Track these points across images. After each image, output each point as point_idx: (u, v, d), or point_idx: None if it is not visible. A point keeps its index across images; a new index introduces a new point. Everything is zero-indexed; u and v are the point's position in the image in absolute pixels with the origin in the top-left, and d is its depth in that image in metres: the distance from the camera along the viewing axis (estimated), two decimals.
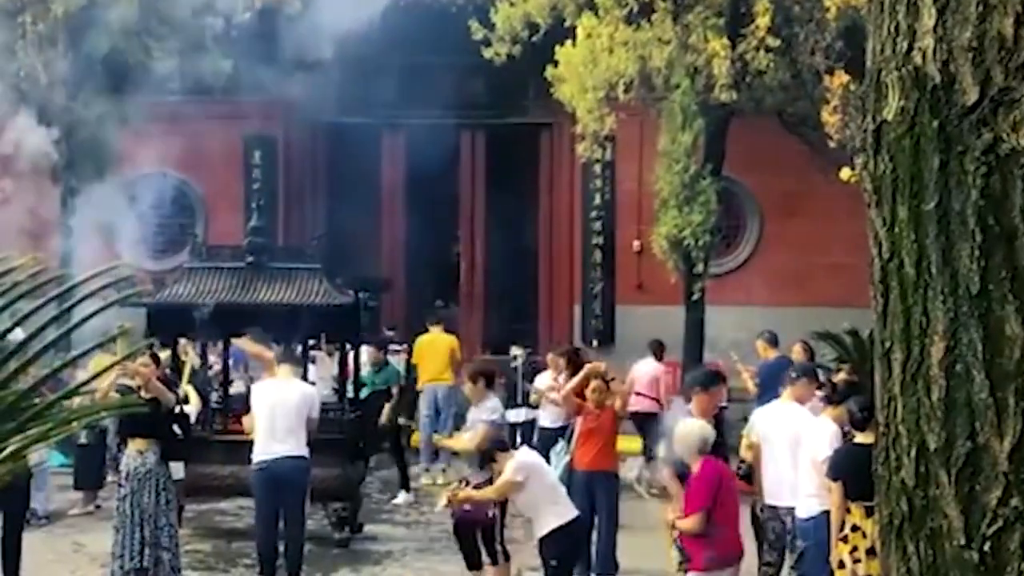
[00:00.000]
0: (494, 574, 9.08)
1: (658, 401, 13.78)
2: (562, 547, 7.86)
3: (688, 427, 7.22)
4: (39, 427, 1.97)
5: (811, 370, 9.41)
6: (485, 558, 9.01)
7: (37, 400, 2.00)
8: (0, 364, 1.97)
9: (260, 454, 9.23)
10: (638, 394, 13.64)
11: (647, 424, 13.04)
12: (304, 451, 9.31)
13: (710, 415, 7.97)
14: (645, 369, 14.14)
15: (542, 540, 7.88)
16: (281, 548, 9.33)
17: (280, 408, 9.28)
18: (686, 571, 6.98)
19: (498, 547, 8.88)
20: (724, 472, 7.10)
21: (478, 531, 8.99)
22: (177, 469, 9.38)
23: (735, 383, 13.64)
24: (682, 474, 7.27)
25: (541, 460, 8.40)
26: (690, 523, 6.83)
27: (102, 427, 12.28)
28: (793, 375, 8.72)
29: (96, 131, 14.80)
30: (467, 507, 8.79)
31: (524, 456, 8.19)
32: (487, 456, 8.12)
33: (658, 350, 14.44)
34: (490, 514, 8.68)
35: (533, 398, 11.70)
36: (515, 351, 14.47)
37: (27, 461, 1.99)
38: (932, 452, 1.76)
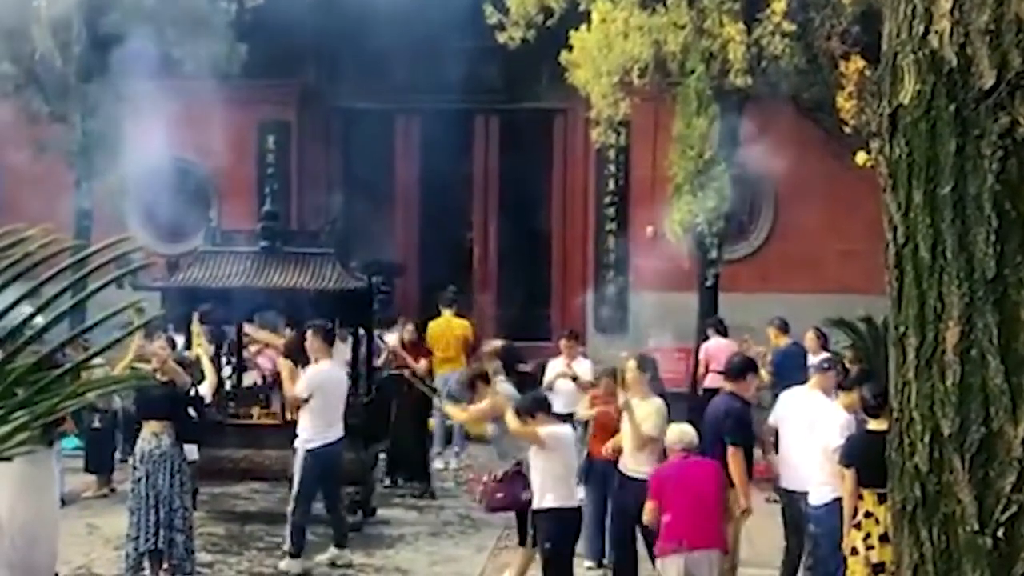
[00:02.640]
0: (520, 555, 9.11)
1: None
2: (554, 530, 7.97)
3: (684, 429, 7.69)
4: (48, 400, 1.97)
5: (840, 363, 9.52)
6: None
7: (46, 373, 2.00)
8: (9, 336, 1.97)
9: (317, 439, 9.53)
10: (719, 373, 13.66)
11: None
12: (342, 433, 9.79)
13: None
14: (719, 346, 14.00)
15: (536, 513, 8.08)
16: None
17: (334, 394, 9.73)
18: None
19: (531, 530, 8.90)
20: (682, 473, 7.40)
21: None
22: (191, 451, 9.44)
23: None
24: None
25: (573, 443, 8.47)
26: (645, 511, 7.49)
27: (115, 410, 12.34)
28: (825, 365, 8.83)
29: (110, 115, 14.83)
30: (500, 494, 8.91)
31: (565, 430, 8.34)
32: (528, 410, 8.12)
33: (721, 327, 14.33)
34: (524, 498, 8.72)
35: (546, 382, 11.71)
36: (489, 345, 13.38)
37: (38, 434, 1.99)
38: (946, 437, 1.76)
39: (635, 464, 8.42)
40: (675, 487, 7.30)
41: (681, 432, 7.59)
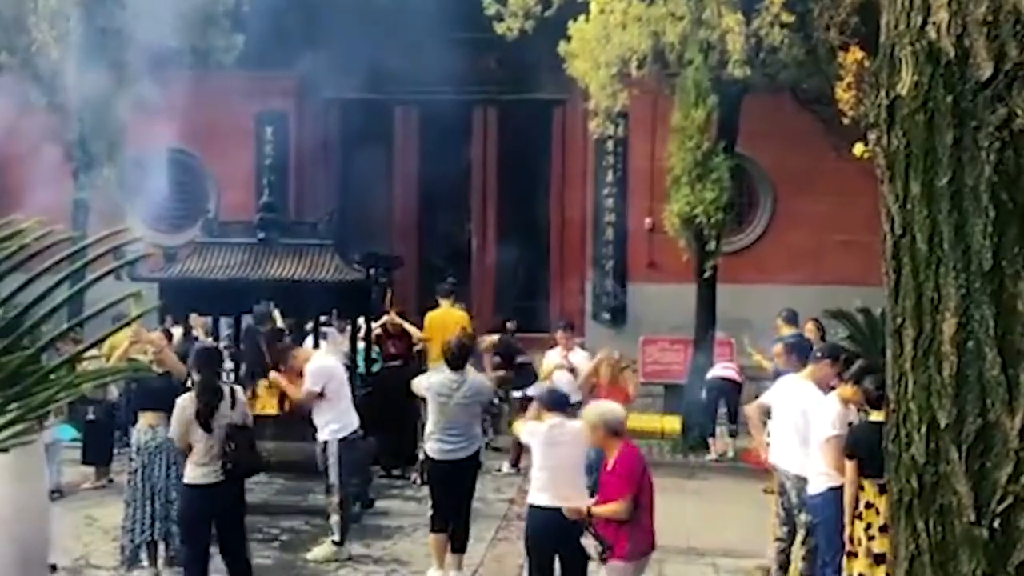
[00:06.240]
0: None
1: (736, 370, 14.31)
2: (528, 526, 7.58)
3: (601, 407, 6.97)
4: (44, 391, 1.97)
5: (836, 351, 8.99)
6: None
7: (42, 365, 2.00)
8: (4, 328, 1.96)
9: (345, 427, 9.67)
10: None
11: (732, 393, 13.53)
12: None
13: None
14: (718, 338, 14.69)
15: None
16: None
17: (342, 380, 9.90)
18: (606, 560, 6.48)
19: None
20: (642, 456, 6.83)
21: None
22: None
23: (749, 362, 13.73)
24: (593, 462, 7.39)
25: (553, 436, 7.66)
26: (616, 509, 6.43)
27: (111, 402, 12.33)
28: (818, 354, 8.51)
29: (108, 106, 14.80)
30: None
31: (540, 427, 7.74)
32: (549, 407, 7.69)
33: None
34: None
35: (543, 373, 11.74)
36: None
37: (34, 426, 1.98)
38: (943, 429, 1.76)
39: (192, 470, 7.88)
40: (647, 482, 6.56)
41: (616, 411, 6.79)
